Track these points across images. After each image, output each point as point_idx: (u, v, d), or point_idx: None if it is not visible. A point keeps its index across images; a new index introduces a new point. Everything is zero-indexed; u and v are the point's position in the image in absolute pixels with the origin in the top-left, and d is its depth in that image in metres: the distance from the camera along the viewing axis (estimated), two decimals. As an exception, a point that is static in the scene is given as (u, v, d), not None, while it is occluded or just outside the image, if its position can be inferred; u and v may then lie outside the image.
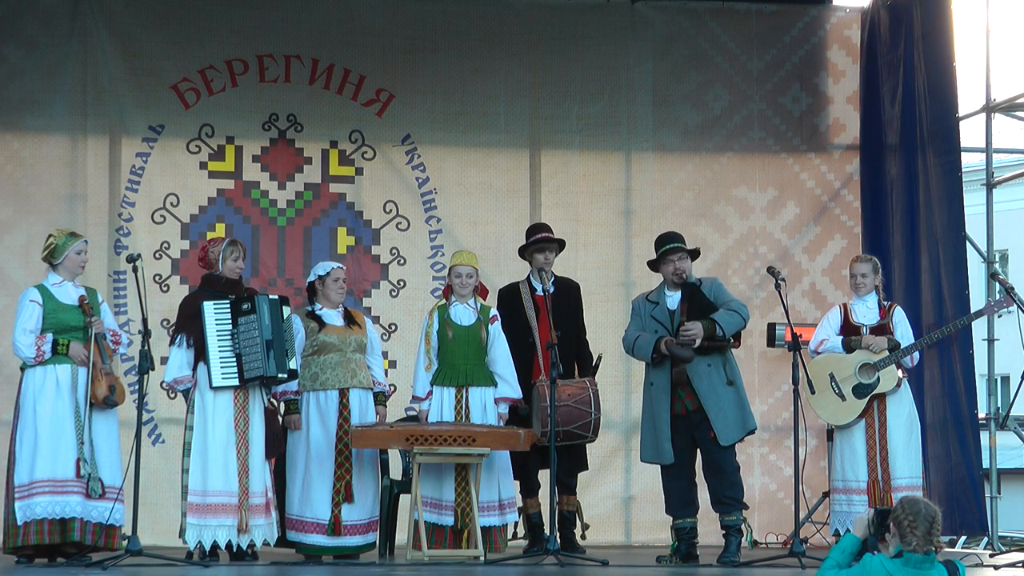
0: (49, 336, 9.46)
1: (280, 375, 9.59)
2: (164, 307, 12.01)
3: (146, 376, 9.35)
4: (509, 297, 10.66)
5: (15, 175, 12.31)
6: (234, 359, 9.60)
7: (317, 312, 10.11)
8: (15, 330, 9.49)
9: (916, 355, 10.37)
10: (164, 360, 11.48)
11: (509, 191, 12.97)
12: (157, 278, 12.32)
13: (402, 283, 12.78)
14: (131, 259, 9.46)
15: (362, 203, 12.76)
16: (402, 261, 12.81)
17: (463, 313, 10.18)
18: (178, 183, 12.55)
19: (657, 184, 13.13)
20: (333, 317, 10.14)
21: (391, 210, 12.83)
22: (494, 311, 10.23)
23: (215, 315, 9.64)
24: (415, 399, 10.21)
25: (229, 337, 9.61)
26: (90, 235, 12.01)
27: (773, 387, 12.91)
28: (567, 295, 10.65)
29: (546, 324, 10.19)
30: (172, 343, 9.78)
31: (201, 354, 9.64)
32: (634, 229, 13.07)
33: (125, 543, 9.13)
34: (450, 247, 12.69)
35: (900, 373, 10.23)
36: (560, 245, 10.68)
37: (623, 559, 10.60)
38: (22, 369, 9.55)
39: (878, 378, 10.15)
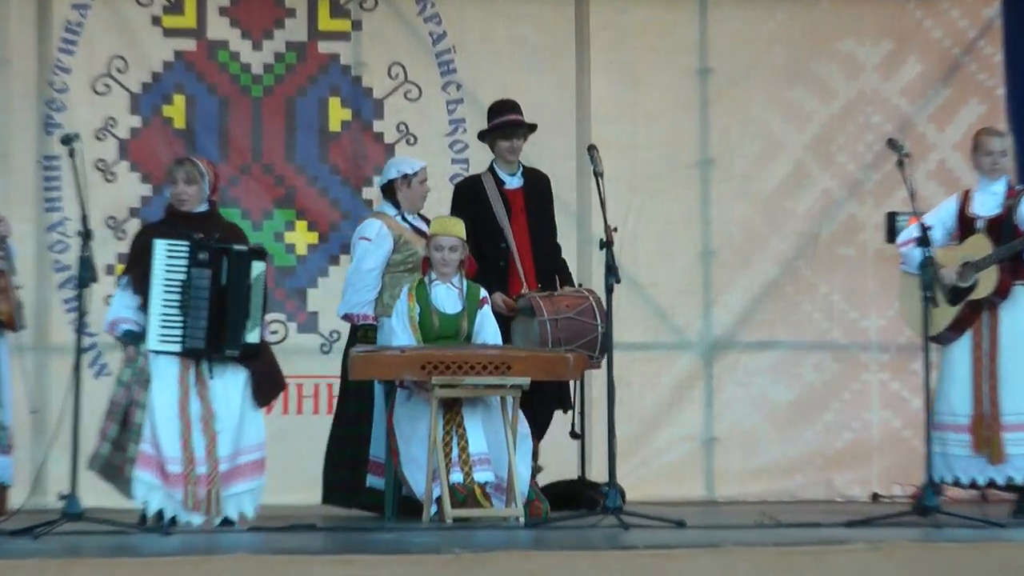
0: None
1: (229, 351, 8.74)
2: (109, 201, 11.18)
3: (87, 289, 8.44)
4: (470, 192, 10.10)
5: (-80, 37, 11.46)
6: (180, 319, 8.74)
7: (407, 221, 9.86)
8: None
9: None
10: (109, 270, 11.07)
11: (549, 49, 11.85)
12: (100, 164, 11.29)
13: (413, 168, 11.89)
14: (67, 140, 8.65)
15: (360, 66, 11.66)
16: (412, 140, 11.70)
17: (446, 297, 9.40)
18: (125, 43, 11.43)
19: (739, 38, 11.98)
20: (420, 225, 9.89)
21: (397, 75, 11.69)
22: (484, 292, 9.49)
23: (166, 259, 8.78)
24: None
25: (179, 291, 8.74)
26: (14, 109, 11.38)
27: (893, 295, 11.27)
28: (537, 189, 10.12)
29: (522, 225, 9.88)
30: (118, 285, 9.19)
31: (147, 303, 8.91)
32: (711, 96, 11.92)
33: (62, 504, 8.17)
34: (473, 121, 11.49)
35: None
36: (530, 129, 10.08)
37: (703, 518, 9.50)
38: None
39: (976, 281, 9.37)
